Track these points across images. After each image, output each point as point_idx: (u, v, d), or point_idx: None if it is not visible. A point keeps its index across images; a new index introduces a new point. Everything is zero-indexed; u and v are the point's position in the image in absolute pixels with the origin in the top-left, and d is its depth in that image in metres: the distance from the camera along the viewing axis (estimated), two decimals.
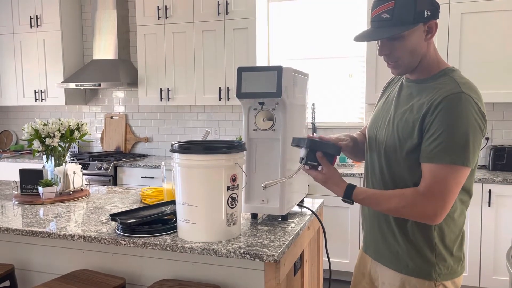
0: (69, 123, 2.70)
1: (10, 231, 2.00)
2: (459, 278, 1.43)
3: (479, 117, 1.27)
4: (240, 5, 3.98)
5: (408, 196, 1.31)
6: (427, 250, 1.37)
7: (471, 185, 1.42)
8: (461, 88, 1.28)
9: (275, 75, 1.84)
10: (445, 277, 1.38)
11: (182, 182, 1.75)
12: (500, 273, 3.24)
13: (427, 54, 1.36)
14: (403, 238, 1.41)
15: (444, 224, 1.36)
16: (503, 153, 3.50)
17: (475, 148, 1.27)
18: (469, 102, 1.25)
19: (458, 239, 1.41)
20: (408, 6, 1.26)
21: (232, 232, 1.79)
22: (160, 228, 1.86)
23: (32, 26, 4.73)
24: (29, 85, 4.85)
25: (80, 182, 2.69)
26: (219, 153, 1.72)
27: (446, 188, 1.26)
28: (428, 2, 1.29)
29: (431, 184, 1.27)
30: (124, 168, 4.24)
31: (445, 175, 1.25)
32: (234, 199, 1.77)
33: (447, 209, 1.29)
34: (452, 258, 1.39)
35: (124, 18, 4.69)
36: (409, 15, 1.27)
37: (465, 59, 3.43)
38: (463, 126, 1.24)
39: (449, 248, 1.38)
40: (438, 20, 1.35)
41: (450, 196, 1.28)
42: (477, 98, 1.30)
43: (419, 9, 1.27)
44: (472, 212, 3.26)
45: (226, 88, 4.08)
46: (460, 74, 1.39)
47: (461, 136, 1.24)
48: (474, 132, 1.25)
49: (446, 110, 1.25)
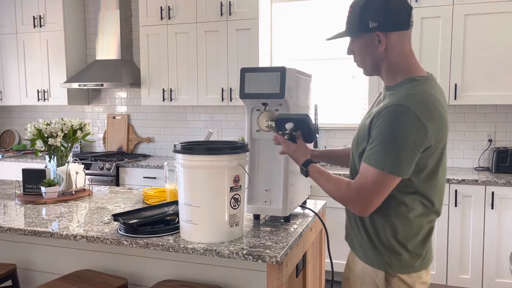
0: (72, 123, 2.70)
1: (13, 231, 2.01)
2: (418, 273, 1.47)
3: (416, 130, 1.32)
4: (243, 6, 3.98)
5: (343, 186, 1.45)
6: (379, 243, 1.46)
7: (432, 192, 1.44)
8: (403, 100, 1.34)
9: (279, 76, 1.84)
10: (399, 270, 1.45)
11: (185, 183, 1.75)
12: (503, 275, 3.22)
13: (387, 61, 1.45)
14: (363, 229, 1.51)
15: (397, 222, 1.43)
16: (506, 155, 3.49)
17: (407, 159, 1.33)
18: (405, 115, 1.31)
19: (418, 237, 1.46)
20: (356, 15, 1.43)
21: (234, 233, 1.79)
22: (162, 229, 1.86)
23: (35, 26, 4.74)
24: (32, 85, 4.86)
25: (82, 182, 2.69)
26: (222, 153, 1.72)
27: (372, 189, 1.36)
28: (375, 14, 1.40)
29: (360, 183, 1.39)
30: (126, 168, 4.24)
31: (373, 178, 1.35)
32: (236, 200, 1.76)
33: (371, 207, 1.39)
34: (408, 254, 1.44)
35: (127, 19, 4.69)
36: (355, 24, 1.44)
37: (469, 61, 3.42)
38: (395, 137, 1.32)
39: (403, 244, 1.44)
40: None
41: (375, 198, 1.37)
42: (420, 110, 1.33)
43: (364, 20, 1.41)
44: (475, 214, 3.25)
45: (228, 88, 4.08)
46: (417, 84, 1.42)
47: (392, 146, 1.32)
48: (406, 144, 1.32)
49: (384, 119, 1.35)
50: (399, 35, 1.43)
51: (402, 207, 1.41)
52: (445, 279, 3.35)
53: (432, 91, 1.41)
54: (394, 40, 1.43)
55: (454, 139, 3.84)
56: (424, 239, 1.48)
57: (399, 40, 1.43)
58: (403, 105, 1.32)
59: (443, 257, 3.34)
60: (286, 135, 1.71)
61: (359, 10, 1.43)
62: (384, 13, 1.40)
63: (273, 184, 1.96)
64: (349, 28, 1.47)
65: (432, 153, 1.38)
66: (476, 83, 3.41)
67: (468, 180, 3.24)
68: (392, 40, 1.43)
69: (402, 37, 1.44)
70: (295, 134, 1.70)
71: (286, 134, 1.70)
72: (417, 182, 1.40)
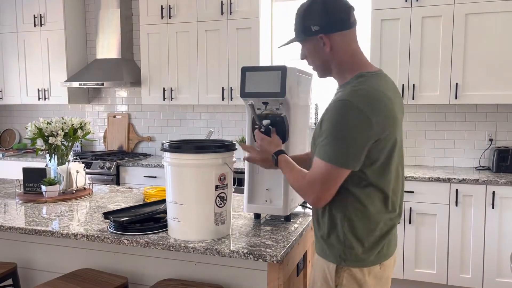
0: (72, 122, 2.70)
1: (13, 230, 2.01)
2: (370, 268, 1.48)
3: (360, 123, 1.37)
4: (243, 4, 3.97)
5: (300, 177, 1.51)
6: (334, 236, 1.49)
7: (387, 186, 1.47)
8: (348, 95, 1.40)
9: (279, 75, 1.84)
10: (350, 263, 1.47)
11: (171, 181, 1.77)
12: (504, 275, 3.22)
13: (335, 61, 1.51)
14: (321, 222, 1.54)
15: (354, 217, 1.46)
16: (507, 155, 3.48)
17: (353, 152, 1.38)
18: (349, 109, 1.37)
19: (375, 233, 1.48)
20: (299, 21, 1.52)
21: (220, 231, 1.80)
22: (151, 226, 1.88)
23: (35, 25, 4.74)
24: (32, 84, 4.86)
25: (83, 181, 2.69)
26: (207, 152, 1.73)
27: (322, 182, 1.42)
28: (316, 18, 1.47)
29: (312, 175, 1.45)
30: (126, 167, 4.24)
31: (322, 171, 1.41)
32: (222, 198, 1.77)
33: (323, 199, 1.44)
34: (362, 248, 1.47)
35: (127, 17, 4.69)
36: (300, 29, 1.52)
37: (470, 60, 3.41)
38: (341, 131, 1.38)
39: (359, 239, 1.46)
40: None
41: (325, 190, 1.43)
42: (363, 104, 1.37)
43: (306, 24, 1.49)
44: (475, 214, 3.25)
45: (229, 88, 4.08)
46: (363, 80, 1.46)
47: (338, 139, 1.39)
48: (351, 137, 1.37)
49: (331, 114, 1.41)
50: (342, 35, 1.49)
51: (359, 202, 1.45)
52: (445, 279, 3.35)
53: (379, 86, 1.45)
54: (338, 40, 1.49)
55: (455, 138, 3.83)
56: (383, 236, 1.50)
57: (343, 40, 1.49)
58: (347, 100, 1.38)
59: (443, 256, 3.34)
60: (263, 128, 1.80)
61: (301, 15, 1.52)
62: (324, 16, 1.47)
63: (273, 183, 1.96)
64: (296, 34, 1.56)
65: (383, 147, 1.42)
66: (477, 83, 3.41)
67: (469, 180, 3.24)
68: (336, 41, 1.49)
69: (346, 37, 1.50)
70: (270, 129, 1.79)
71: (263, 128, 1.80)
72: (370, 175, 1.43)
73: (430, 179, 3.32)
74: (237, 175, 3.41)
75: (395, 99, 1.49)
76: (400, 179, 1.54)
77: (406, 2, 3.50)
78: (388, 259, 1.54)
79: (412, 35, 3.52)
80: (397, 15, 3.54)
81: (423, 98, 3.55)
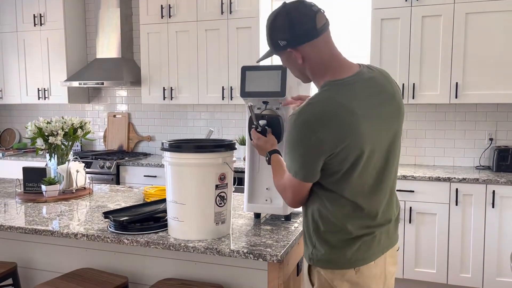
0: (72, 121, 2.70)
1: (13, 229, 2.00)
2: (343, 270, 1.46)
3: (308, 138, 1.36)
4: (243, 4, 3.97)
5: (280, 181, 1.57)
6: (307, 237, 1.54)
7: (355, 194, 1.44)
8: (300, 110, 1.40)
9: (280, 74, 1.84)
10: (319, 263, 1.50)
11: (171, 180, 1.77)
12: (504, 274, 3.22)
13: (309, 71, 1.50)
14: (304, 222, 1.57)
15: (319, 219, 1.48)
16: (507, 154, 3.48)
17: (308, 166, 1.41)
18: (297, 125, 1.38)
19: (339, 235, 1.47)
20: (268, 35, 1.50)
21: (220, 230, 1.79)
22: (151, 226, 1.87)
23: (35, 25, 4.73)
24: (32, 84, 4.85)
25: (83, 181, 2.69)
26: (208, 151, 1.73)
27: (291, 190, 1.49)
28: (281, 33, 1.44)
29: (284, 182, 1.52)
30: (127, 166, 4.23)
31: (289, 181, 1.48)
32: (222, 197, 1.77)
33: (295, 203, 1.53)
34: (330, 250, 1.47)
35: (127, 17, 4.69)
36: (269, 43, 1.51)
37: (470, 60, 3.41)
38: (294, 146, 1.40)
39: (325, 240, 1.48)
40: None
41: (293, 198, 1.51)
42: (312, 119, 1.36)
43: (274, 40, 1.47)
44: (475, 213, 3.24)
45: (229, 87, 4.08)
46: (323, 91, 1.43)
47: (293, 154, 1.42)
48: (302, 152, 1.39)
49: (287, 128, 1.48)
50: (311, 45, 1.43)
51: (324, 205, 1.47)
52: (445, 278, 3.35)
53: (340, 96, 1.38)
54: (308, 50, 1.45)
55: (455, 137, 3.83)
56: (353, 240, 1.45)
57: (313, 50, 1.44)
58: (296, 115, 1.39)
59: (443, 256, 3.34)
60: (260, 128, 1.81)
61: (268, 30, 1.49)
62: (289, 30, 1.42)
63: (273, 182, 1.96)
64: (269, 47, 1.54)
65: (343, 158, 1.37)
66: (477, 82, 3.41)
67: (469, 179, 3.24)
68: (306, 51, 1.45)
69: (316, 46, 1.43)
70: (267, 129, 1.80)
71: (260, 127, 1.81)
72: (331, 184, 1.44)
73: (430, 178, 3.32)
74: (237, 174, 3.41)
75: (359, 109, 1.37)
76: (382, 188, 1.48)
77: (406, 2, 3.50)
78: (367, 266, 1.47)
79: (412, 34, 3.52)
80: (397, 14, 3.54)
81: (423, 97, 3.55)
